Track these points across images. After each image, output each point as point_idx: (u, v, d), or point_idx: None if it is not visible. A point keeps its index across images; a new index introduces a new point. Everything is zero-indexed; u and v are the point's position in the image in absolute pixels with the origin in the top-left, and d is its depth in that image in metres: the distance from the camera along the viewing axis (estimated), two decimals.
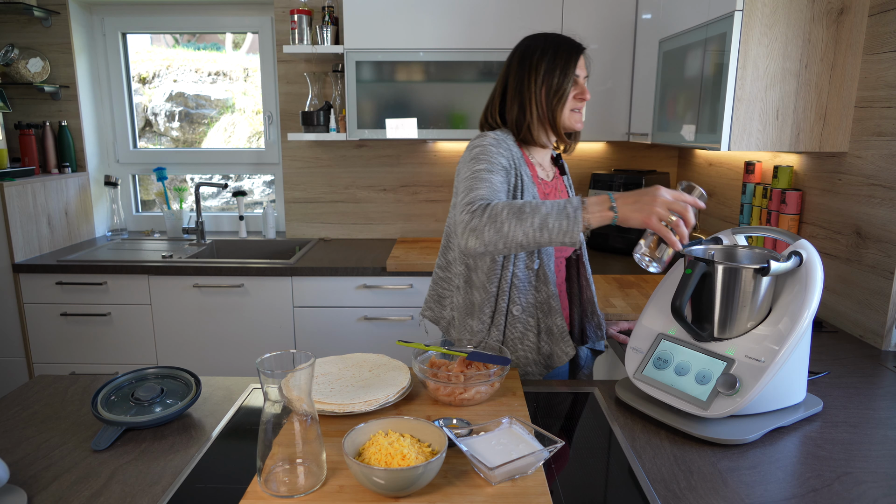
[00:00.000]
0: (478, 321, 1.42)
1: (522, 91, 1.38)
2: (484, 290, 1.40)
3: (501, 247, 1.15)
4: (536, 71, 1.37)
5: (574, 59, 1.38)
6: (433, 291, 1.55)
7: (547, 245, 1.14)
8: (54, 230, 2.76)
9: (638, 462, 1.01)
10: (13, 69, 2.80)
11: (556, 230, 1.11)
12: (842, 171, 1.72)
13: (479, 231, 1.15)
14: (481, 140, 1.35)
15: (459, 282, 1.45)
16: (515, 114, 1.40)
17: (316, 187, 3.08)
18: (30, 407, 1.22)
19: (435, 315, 1.55)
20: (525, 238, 1.12)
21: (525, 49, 1.40)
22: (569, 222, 1.10)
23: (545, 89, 1.37)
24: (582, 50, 1.40)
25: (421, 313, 1.58)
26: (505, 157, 1.33)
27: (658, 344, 1.20)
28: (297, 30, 2.71)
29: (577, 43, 1.40)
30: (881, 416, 1.18)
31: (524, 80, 1.38)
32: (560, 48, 1.38)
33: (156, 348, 2.60)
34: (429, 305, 1.56)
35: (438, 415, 1.12)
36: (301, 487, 0.88)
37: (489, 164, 1.29)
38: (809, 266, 1.09)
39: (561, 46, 1.38)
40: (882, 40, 1.58)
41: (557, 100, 1.38)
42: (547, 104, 1.38)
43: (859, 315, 1.65)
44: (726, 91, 1.69)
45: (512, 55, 1.43)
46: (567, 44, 1.39)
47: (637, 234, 2.67)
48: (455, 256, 1.47)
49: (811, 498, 0.92)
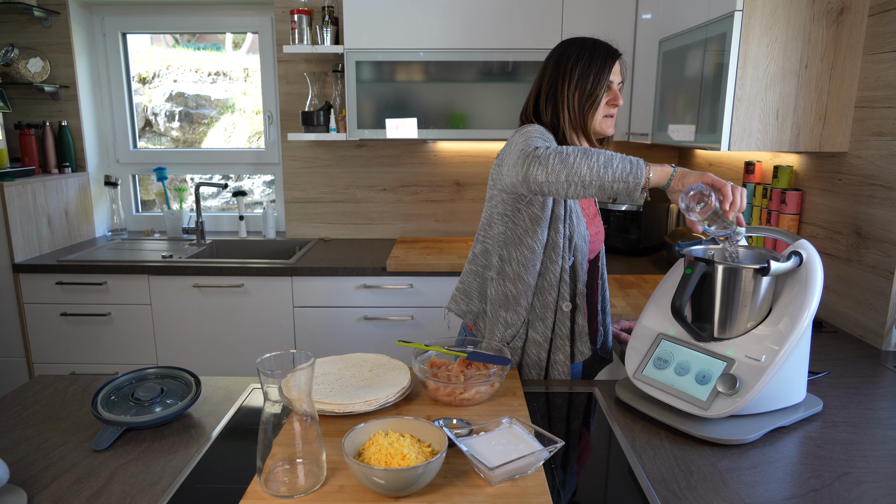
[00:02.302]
0: (513, 313, 1.43)
1: (556, 94, 1.40)
2: (521, 281, 1.41)
3: (563, 178, 1.14)
4: (570, 75, 1.39)
5: (609, 65, 1.39)
6: (460, 286, 1.57)
7: (608, 189, 1.13)
8: (54, 230, 2.76)
9: (638, 462, 1.01)
10: (13, 69, 2.80)
11: (619, 170, 1.12)
12: (842, 171, 1.72)
13: (543, 159, 1.15)
14: (530, 126, 1.37)
15: (493, 273, 1.46)
16: (549, 116, 1.42)
17: (316, 187, 3.08)
18: (30, 407, 1.22)
19: (461, 308, 1.56)
20: (589, 173, 1.13)
21: (561, 53, 1.42)
22: (632, 166, 1.13)
23: (578, 94, 1.38)
24: (618, 56, 1.41)
25: (447, 307, 1.59)
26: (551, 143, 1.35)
27: (658, 344, 1.20)
28: (297, 30, 2.71)
29: (613, 48, 1.41)
30: (881, 416, 1.18)
31: (558, 83, 1.40)
32: (596, 53, 1.39)
33: (156, 348, 2.60)
34: (455, 299, 1.57)
35: (438, 415, 1.12)
36: (301, 487, 0.88)
37: (542, 138, 1.30)
38: (809, 266, 1.09)
39: (597, 52, 1.39)
40: (882, 40, 1.58)
41: (590, 105, 1.39)
42: (579, 109, 1.39)
43: (859, 315, 1.65)
44: (726, 91, 1.69)
45: (548, 58, 1.45)
46: (603, 49, 1.40)
47: (638, 235, 2.67)
48: (490, 246, 1.47)
49: (811, 498, 0.92)
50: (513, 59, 2.58)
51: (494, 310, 1.46)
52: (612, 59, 1.39)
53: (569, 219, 1.40)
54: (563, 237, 1.39)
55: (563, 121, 1.40)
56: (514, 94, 2.63)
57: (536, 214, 1.37)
